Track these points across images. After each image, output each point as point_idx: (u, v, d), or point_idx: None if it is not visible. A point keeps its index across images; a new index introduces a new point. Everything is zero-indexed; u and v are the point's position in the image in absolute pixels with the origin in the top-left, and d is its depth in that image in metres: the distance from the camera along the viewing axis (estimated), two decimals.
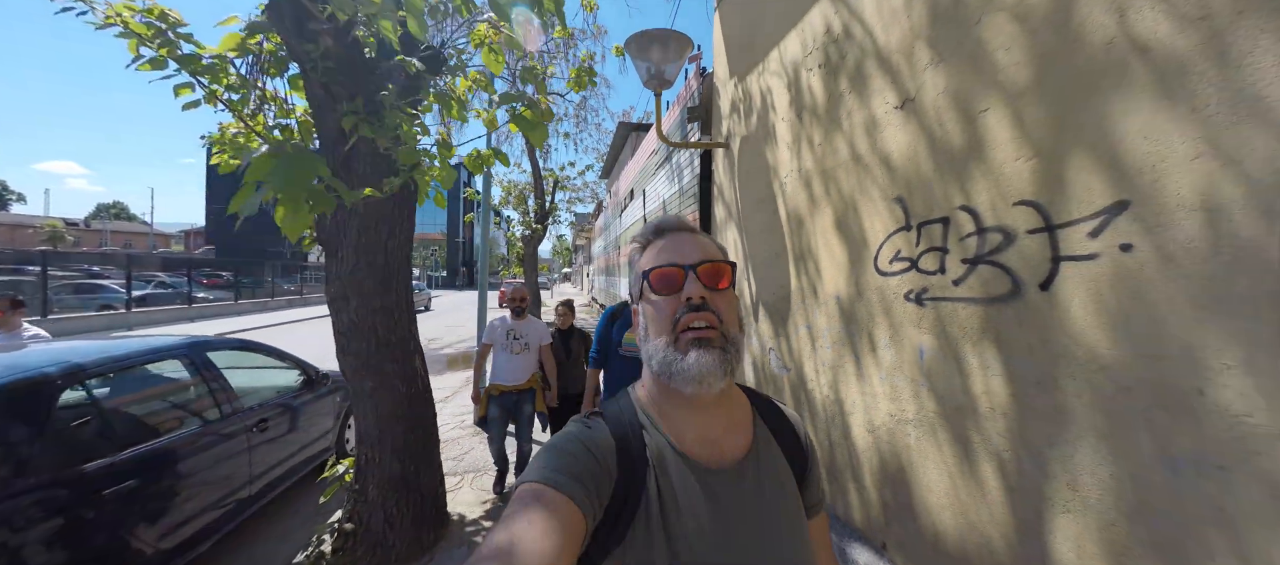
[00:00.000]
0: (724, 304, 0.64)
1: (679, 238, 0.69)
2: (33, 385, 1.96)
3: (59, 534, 1.83)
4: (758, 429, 0.71)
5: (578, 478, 0.55)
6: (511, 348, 3.33)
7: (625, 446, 0.62)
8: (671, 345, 0.62)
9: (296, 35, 2.26)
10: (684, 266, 0.64)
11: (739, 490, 0.64)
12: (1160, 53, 1.12)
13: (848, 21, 2.27)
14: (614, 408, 0.69)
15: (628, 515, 0.59)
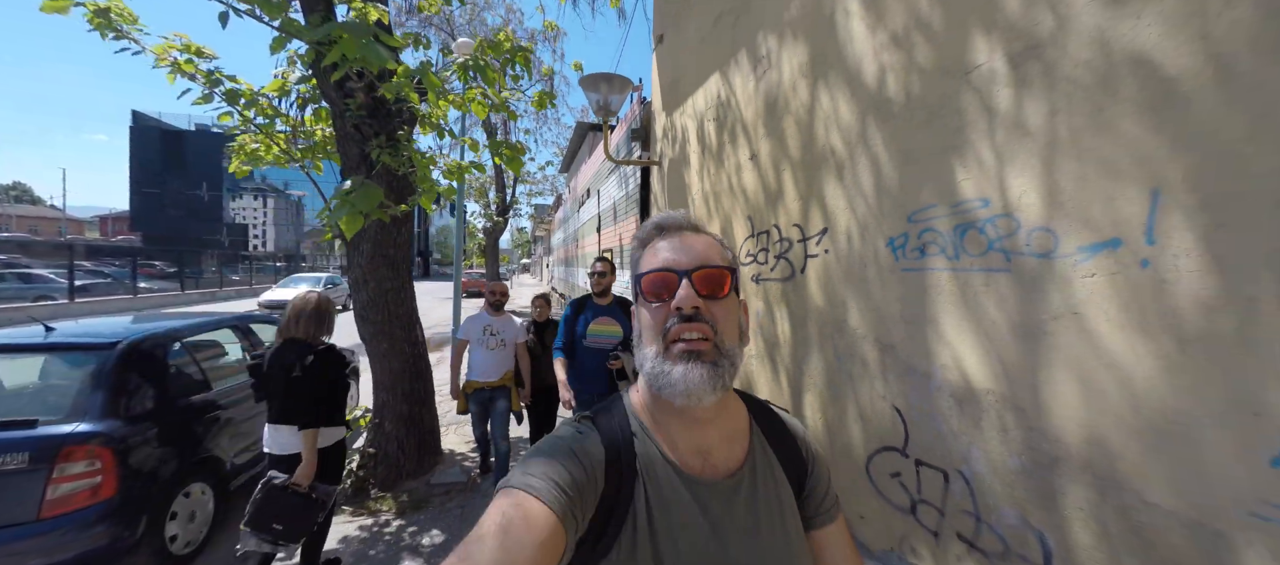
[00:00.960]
0: (722, 313, 0.61)
1: (679, 238, 0.65)
2: (148, 340, 2.76)
3: (173, 442, 2.65)
4: (754, 439, 0.69)
5: (561, 486, 0.53)
6: (487, 344, 3.35)
7: (615, 455, 0.60)
8: (661, 355, 0.60)
9: (337, 91, 3.11)
10: (678, 272, 0.61)
11: (732, 503, 0.62)
12: (836, 156, 2.24)
13: (727, 95, 3.36)
14: (607, 413, 0.66)
15: (614, 527, 0.57)
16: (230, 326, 3.53)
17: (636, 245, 0.70)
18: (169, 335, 2.90)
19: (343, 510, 3.21)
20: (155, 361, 2.72)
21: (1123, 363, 1.18)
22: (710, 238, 0.67)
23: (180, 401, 2.77)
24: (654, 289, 0.62)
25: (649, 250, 0.67)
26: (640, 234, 0.70)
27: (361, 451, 3.56)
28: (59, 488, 2.14)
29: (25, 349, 2.56)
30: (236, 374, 3.41)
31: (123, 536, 2.29)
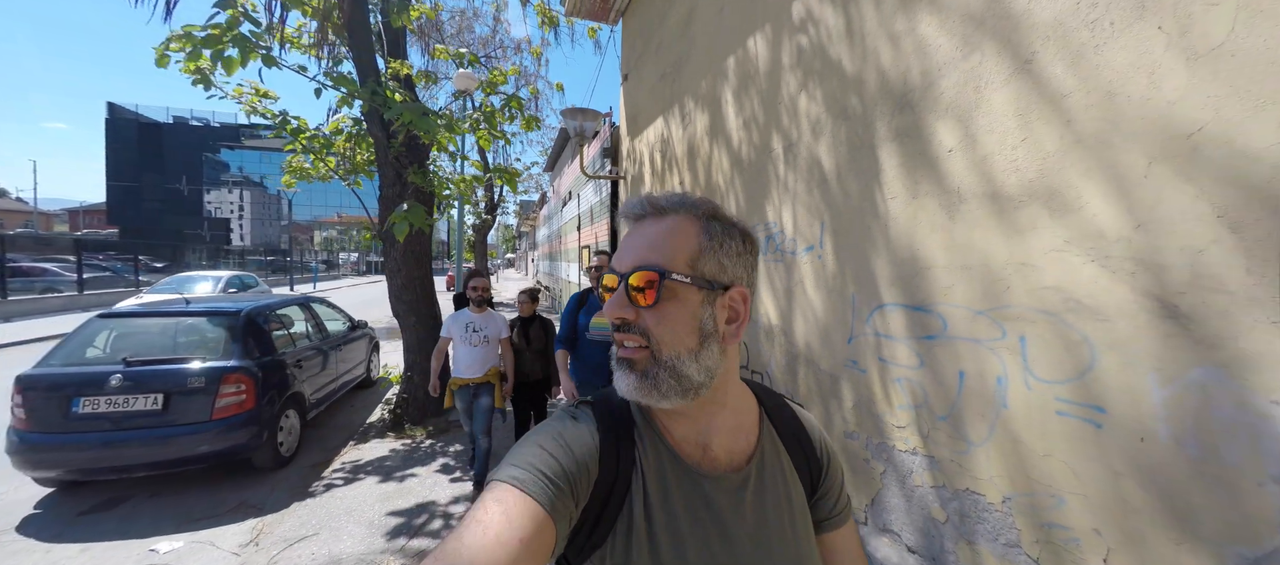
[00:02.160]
0: (655, 321, 0.55)
1: (639, 227, 0.60)
2: (251, 312, 3.93)
3: (272, 382, 3.82)
4: (764, 433, 0.66)
5: (549, 477, 0.51)
6: (470, 340, 3.31)
7: (612, 443, 0.57)
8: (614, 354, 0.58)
9: (383, 132, 4.30)
10: (619, 274, 0.57)
11: (737, 499, 0.59)
12: (721, 190, 3.52)
13: (667, 135, 4.62)
14: (606, 399, 0.63)
15: (609, 517, 0.55)
16: (297, 304, 4.70)
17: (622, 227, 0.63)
18: (266, 307, 4.08)
19: (387, 435, 4.43)
20: (263, 324, 3.90)
21: (814, 303, 2.48)
22: (674, 220, 0.59)
23: (278, 353, 3.95)
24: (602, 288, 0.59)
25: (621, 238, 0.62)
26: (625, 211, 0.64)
27: (397, 397, 4.77)
28: (222, 400, 3.32)
29: (184, 315, 3.72)
30: (306, 338, 4.58)
31: (257, 436, 3.49)
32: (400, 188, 4.49)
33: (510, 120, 4.97)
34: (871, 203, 2.07)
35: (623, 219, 0.64)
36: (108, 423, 3.13)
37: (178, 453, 3.20)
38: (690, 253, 0.57)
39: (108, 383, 3.14)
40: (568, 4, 6.57)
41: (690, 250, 0.57)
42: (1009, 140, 1.52)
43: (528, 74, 13.04)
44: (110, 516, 3.16)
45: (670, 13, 4.56)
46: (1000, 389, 1.55)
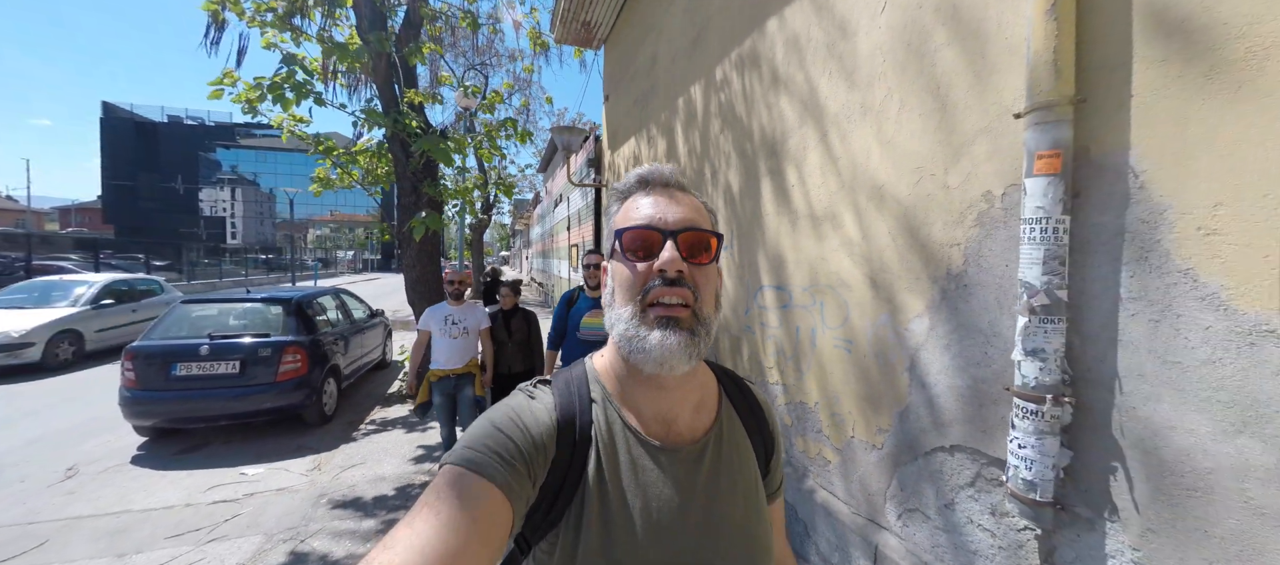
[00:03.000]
0: (703, 279, 0.59)
1: (665, 195, 0.61)
2: (300, 299, 4.85)
3: (318, 355, 4.75)
4: (723, 409, 0.68)
5: (505, 458, 0.51)
6: (449, 332, 3.36)
7: (569, 421, 0.58)
8: (636, 318, 0.57)
9: (403, 153, 5.22)
10: (663, 231, 0.57)
11: (695, 471, 0.61)
12: None
13: (639, 153, 5.57)
14: (565, 377, 0.64)
15: (567, 495, 0.56)
16: (330, 294, 5.62)
17: (616, 197, 0.66)
18: (309, 295, 5.00)
19: (407, 402, 5.36)
20: (308, 309, 4.82)
21: (728, 287, 3.43)
22: (695, 198, 0.64)
23: (320, 332, 4.87)
24: (635, 246, 0.58)
25: (630, 204, 0.62)
26: (622, 185, 0.65)
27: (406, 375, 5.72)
28: (283, 366, 4.25)
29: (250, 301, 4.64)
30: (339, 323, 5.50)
31: (309, 396, 4.42)
32: (416, 197, 5.41)
33: (507, 139, 5.90)
34: (758, 217, 3.03)
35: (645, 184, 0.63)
36: (197, 383, 4.06)
37: (250, 407, 4.13)
38: (713, 225, 0.62)
39: (199, 352, 4.07)
40: (556, 32, 7.49)
41: (713, 223, 0.62)
42: (817, 182, 2.47)
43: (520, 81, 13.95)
44: (198, 455, 4.08)
45: (640, 52, 5.50)
46: (813, 336, 2.51)
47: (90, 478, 3.64)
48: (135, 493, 3.44)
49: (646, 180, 0.64)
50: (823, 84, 2.40)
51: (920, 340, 1.85)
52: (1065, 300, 1.34)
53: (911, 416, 1.90)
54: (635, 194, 0.64)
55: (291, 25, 4.29)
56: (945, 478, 1.75)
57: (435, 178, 5.44)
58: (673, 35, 4.68)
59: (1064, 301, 1.34)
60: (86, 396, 5.58)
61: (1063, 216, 1.33)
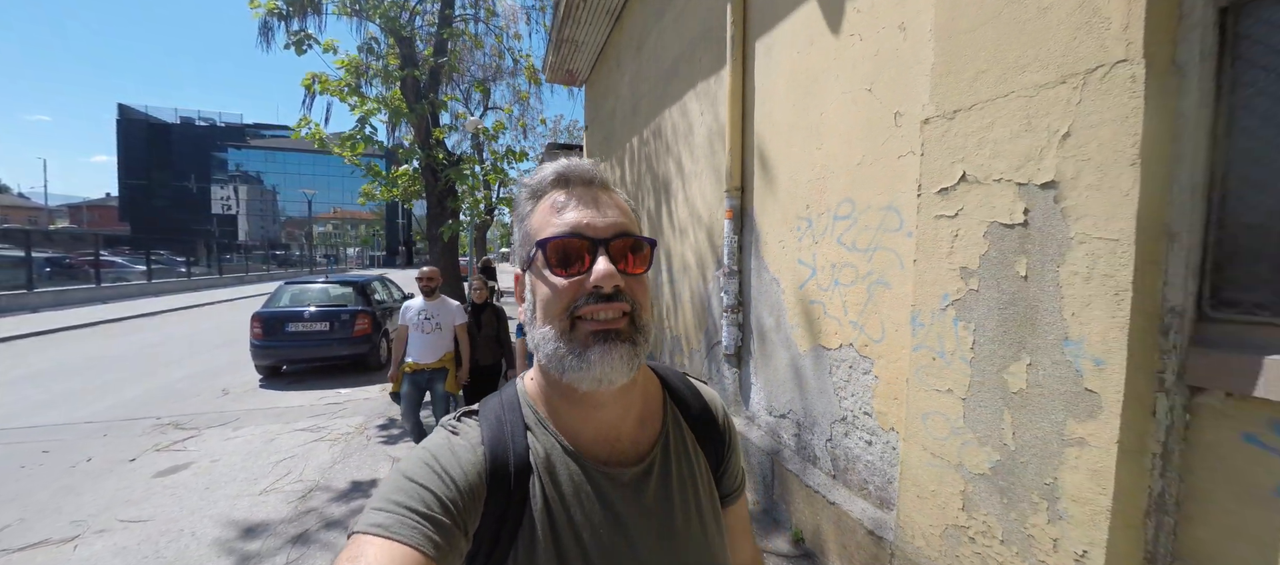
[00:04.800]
0: (639, 290, 0.53)
1: (588, 194, 0.54)
2: (364, 282, 6.85)
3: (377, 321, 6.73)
4: (668, 415, 0.63)
5: (422, 514, 0.45)
6: (423, 327, 3.41)
7: (501, 455, 0.52)
8: (564, 336, 0.50)
9: (432, 177, 7.21)
10: (593, 239, 0.51)
11: (643, 490, 0.57)
12: None
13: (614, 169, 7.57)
14: (494, 405, 0.58)
15: (508, 533, 0.51)
16: (378, 280, 7.60)
17: (527, 196, 0.57)
18: (368, 280, 6.97)
19: None
20: (369, 288, 6.81)
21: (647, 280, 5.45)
22: (619, 196, 0.58)
23: (376, 305, 6.84)
24: (560, 257, 0.50)
25: (547, 205, 0.54)
26: (533, 182, 0.57)
27: None
28: (356, 327, 6.24)
29: (331, 283, 6.63)
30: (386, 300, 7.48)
31: (373, 349, 6.42)
32: (441, 209, 7.41)
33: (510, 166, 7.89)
34: (659, 227, 4.99)
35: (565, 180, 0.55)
36: (302, 337, 6.04)
37: (336, 353, 6.13)
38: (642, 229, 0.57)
39: (303, 315, 6.06)
40: (547, 74, 9.44)
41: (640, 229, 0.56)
42: (681, 209, 4.44)
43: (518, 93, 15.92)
44: (301, 384, 6.07)
45: (605, 103, 7.47)
46: (679, 295, 4.49)
47: (237, 396, 5.62)
48: (275, 399, 5.43)
49: (566, 177, 0.55)
50: (684, 155, 4.39)
51: (713, 291, 3.84)
52: (737, 269, 3.33)
53: (708, 331, 3.90)
54: (552, 191, 0.54)
55: (360, 93, 6.27)
56: (716, 355, 3.74)
57: (456, 195, 7.44)
58: (623, 98, 6.66)
59: (736, 270, 3.33)
60: (195, 351, 7.55)
61: (733, 234, 3.32)
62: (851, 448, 2.41)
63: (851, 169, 2.36)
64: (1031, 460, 1.48)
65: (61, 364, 7.06)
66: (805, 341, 2.72)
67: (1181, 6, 1.27)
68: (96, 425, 4.61)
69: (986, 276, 1.59)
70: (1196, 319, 1.29)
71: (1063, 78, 1.38)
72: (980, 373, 1.62)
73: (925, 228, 1.80)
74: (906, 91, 2.02)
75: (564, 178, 0.55)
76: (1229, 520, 1.24)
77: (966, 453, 1.67)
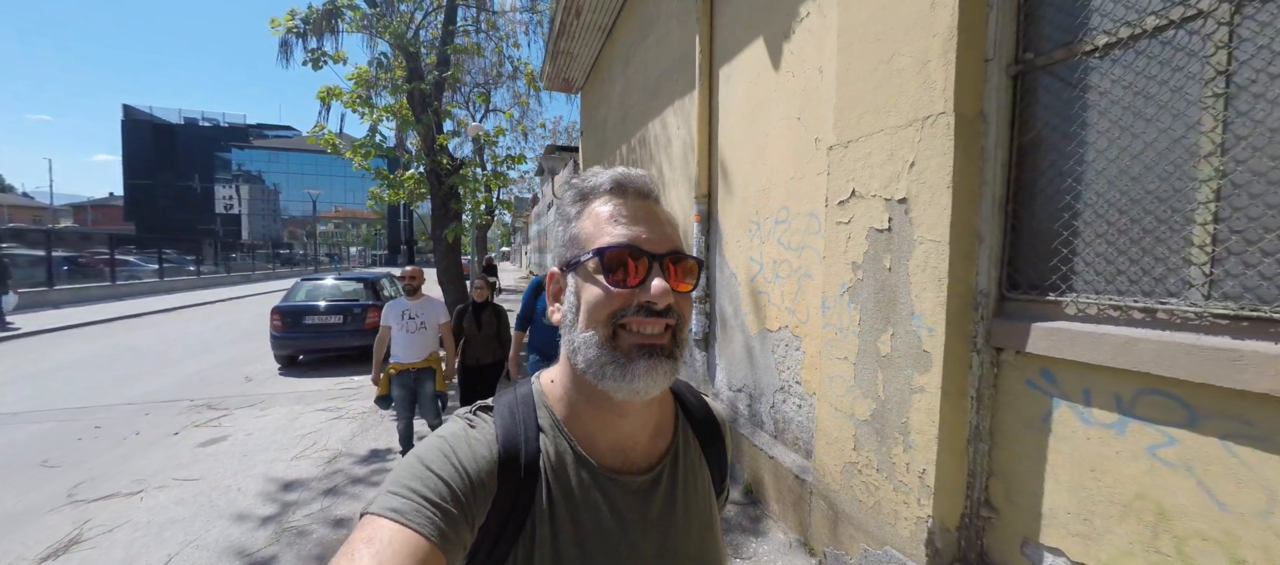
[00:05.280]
0: (686, 308, 0.54)
1: (644, 207, 0.55)
2: (373, 279, 7.36)
3: None
4: (679, 428, 0.64)
5: (434, 502, 0.46)
6: (407, 327, 3.38)
7: (512, 454, 0.53)
8: (607, 344, 0.51)
9: (437, 182, 7.72)
10: (651, 255, 0.52)
11: (650, 499, 0.58)
12: None
13: None
14: (509, 401, 0.58)
15: (511, 532, 0.51)
16: (385, 277, 8.10)
17: (574, 198, 0.57)
18: (376, 277, 7.48)
19: None
20: (378, 284, 7.31)
21: None
22: (668, 214, 0.58)
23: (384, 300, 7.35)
24: (616, 266, 0.51)
25: (599, 211, 0.54)
26: (587, 183, 0.57)
27: None
28: (367, 319, 6.75)
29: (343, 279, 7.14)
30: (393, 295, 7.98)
31: None
32: (444, 211, 7.91)
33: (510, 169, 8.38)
34: None
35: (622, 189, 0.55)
36: (318, 329, 6.55)
37: (349, 343, 6.63)
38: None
39: (319, 309, 6.57)
40: (545, 81, 9.94)
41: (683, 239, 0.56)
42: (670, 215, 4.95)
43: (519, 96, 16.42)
44: (317, 371, 6.57)
45: (598, 112, 7.96)
46: None
47: (260, 382, 6.14)
48: (294, 385, 5.94)
49: (623, 187, 0.55)
50: (664, 164, 4.88)
51: None
52: (703, 261, 3.84)
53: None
54: (608, 199, 0.55)
55: (370, 104, 6.77)
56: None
57: (458, 198, 7.95)
58: (614, 108, 7.15)
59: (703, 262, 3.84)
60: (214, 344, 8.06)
61: (701, 235, 3.82)
62: (787, 411, 2.91)
63: (787, 182, 2.86)
64: (894, 406, 1.97)
65: (92, 355, 7.58)
66: (755, 325, 3.22)
67: (985, 73, 1.76)
68: (138, 406, 5.13)
69: (867, 269, 2.09)
70: (998, 298, 1.79)
71: (910, 122, 1.88)
72: (864, 342, 2.11)
73: (829, 231, 2.30)
74: (823, 122, 2.52)
75: (621, 186, 0.55)
76: (1019, 444, 1.74)
77: (856, 405, 2.16)
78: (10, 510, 3.07)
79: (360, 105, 6.72)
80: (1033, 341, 1.63)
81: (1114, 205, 1.51)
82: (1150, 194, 1.43)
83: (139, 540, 2.76)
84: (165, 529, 2.86)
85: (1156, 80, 1.41)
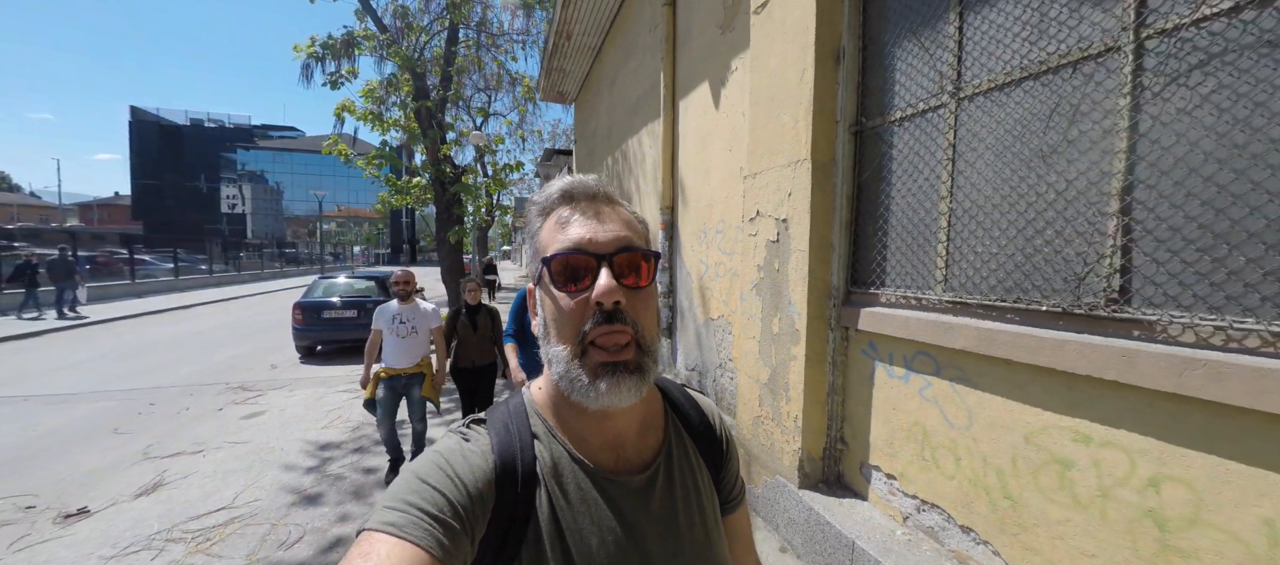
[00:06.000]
0: (642, 304, 0.53)
1: (592, 209, 0.55)
2: (383, 277, 8.10)
3: None
4: (670, 425, 0.66)
5: (433, 515, 0.46)
6: (398, 332, 3.37)
7: (509, 464, 0.54)
8: (577, 359, 0.52)
9: (441, 189, 8.45)
10: (596, 255, 0.52)
11: (648, 497, 0.59)
12: None
13: None
14: (502, 414, 0.59)
15: (513, 541, 0.52)
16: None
17: (536, 213, 0.59)
18: (386, 275, 8.21)
19: None
20: (386, 281, 8.05)
21: None
22: (625, 209, 0.59)
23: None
24: (564, 273, 0.52)
25: (553, 222, 0.56)
26: (541, 199, 0.58)
27: None
28: None
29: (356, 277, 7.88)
30: None
31: None
32: (448, 215, 8.64)
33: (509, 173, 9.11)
34: None
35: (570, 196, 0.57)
36: (335, 322, 7.29)
37: (362, 336, 7.30)
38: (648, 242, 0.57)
39: (335, 304, 7.30)
40: (541, 92, 10.66)
41: (647, 240, 0.58)
42: None
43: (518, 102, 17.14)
44: (334, 360, 7.31)
45: (589, 121, 8.67)
46: None
47: (284, 369, 6.87)
48: (315, 372, 6.67)
49: (571, 194, 0.57)
50: (640, 177, 5.60)
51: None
52: (668, 266, 4.56)
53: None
54: (558, 208, 0.56)
55: (381, 118, 7.50)
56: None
57: (461, 202, 8.68)
58: (602, 122, 7.86)
59: (667, 266, 4.56)
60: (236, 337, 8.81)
61: (666, 241, 4.55)
62: (725, 384, 3.63)
63: (724, 200, 3.57)
64: (780, 372, 2.69)
65: (126, 346, 8.33)
66: (702, 315, 3.94)
67: (836, 131, 2.47)
68: (181, 388, 5.87)
69: (765, 270, 2.81)
70: (845, 292, 2.50)
71: (789, 163, 2.59)
72: (764, 325, 2.83)
73: (743, 241, 3.01)
74: (743, 154, 3.23)
75: (569, 193, 0.56)
76: (858, 395, 2.45)
77: (759, 372, 2.88)
78: (100, 465, 3.81)
79: (371, 119, 7.45)
80: (863, 322, 2.35)
81: (904, 226, 2.22)
82: (918, 221, 2.14)
83: (209, 483, 3.49)
84: (228, 476, 3.60)
85: (921, 145, 2.12)
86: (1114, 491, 1.44)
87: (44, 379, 6.28)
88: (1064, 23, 1.59)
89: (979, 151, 1.88)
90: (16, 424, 4.66)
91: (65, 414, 4.94)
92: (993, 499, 1.80)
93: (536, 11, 9.46)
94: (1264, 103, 1.18)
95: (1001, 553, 1.78)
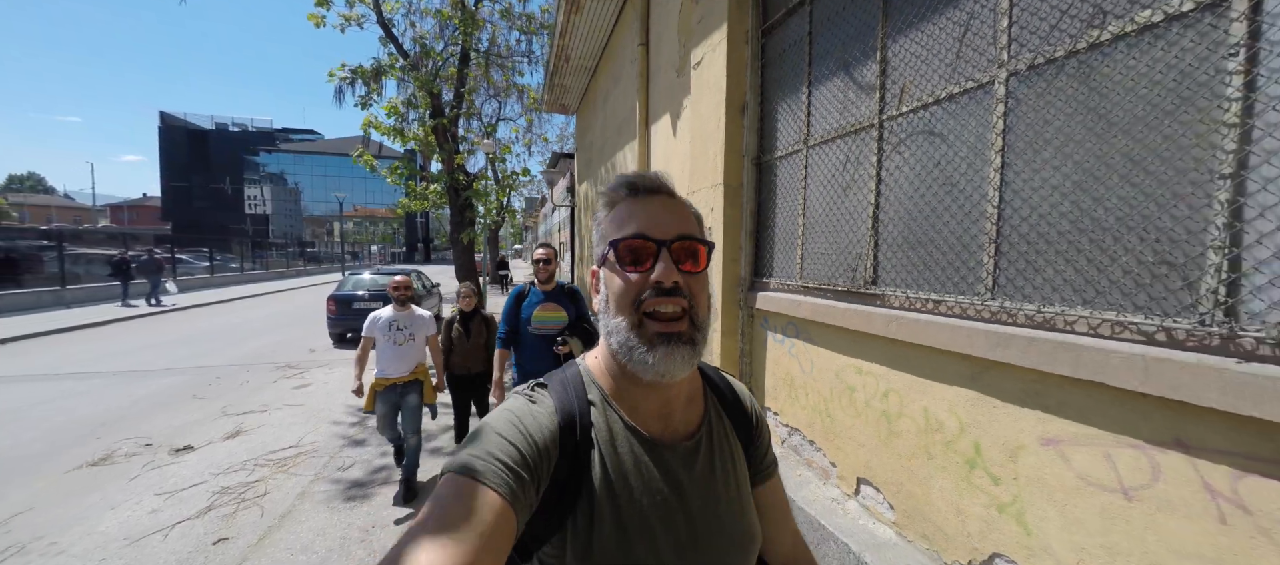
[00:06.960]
0: (697, 287, 0.60)
1: (655, 202, 0.63)
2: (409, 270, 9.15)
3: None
4: (708, 401, 0.72)
5: (508, 465, 0.52)
6: (395, 339, 3.31)
7: (570, 424, 0.60)
8: (634, 329, 0.58)
9: (453, 194, 9.46)
10: (656, 241, 0.59)
11: (693, 463, 0.64)
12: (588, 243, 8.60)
13: (587, 195, 9.69)
14: (560, 379, 0.66)
15: (570, 498, 0.57)
16: (414, 272, 9.87)
17: (603, 204, 0.67)
18: (409, 271, 9.26)
19: None
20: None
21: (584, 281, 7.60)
22: (684, 204, 0.66)
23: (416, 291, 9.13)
24: (628, 256, 0.60)
25: (620, 211, 0.64)
26: (608, 191, 0.66)
27: None
28: None
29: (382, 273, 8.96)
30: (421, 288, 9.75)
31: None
32: (461, 217, 9.65)
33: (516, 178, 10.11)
34: None
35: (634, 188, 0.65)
36: (364, 312, 8.33)
37: None
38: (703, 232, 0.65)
39: (364, 297, 8.35)
40: (545, 104, 11.62)
41: (702, 231, 0.66)
42: None
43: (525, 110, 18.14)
44: None
45: (587, 133, 9.60)
46: None
47: (321, 354, 7.92)
48: (348, 356, 7.71)
49: (635, 186, 0.64)
50: None
51: None
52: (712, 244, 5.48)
53: None
54: (624, 200, 0.64)
55: (402, 132, 8.52)
56: None
57: (473, 206, 9.70)
58: (597, 135, 8.78)
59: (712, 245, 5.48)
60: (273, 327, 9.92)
61: None
62: None
63: None
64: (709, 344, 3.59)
65: (179, 335, 9.49)
66: None
67: (742, 163, 3.35)
68: (237, 367, 6.94)
69: None
70: (750, 282, 3.39)
71: (712, 185, 3.48)
72: None
73: None
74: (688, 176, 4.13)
75: (634, 185, 0.64)
76: (759, 359, 3.33)
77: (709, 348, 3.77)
78: (190, 419, 4.85)
79: (394, 134, 8.47)
80: (759, 303, 3.23)
81: (783, 233, 3.10)
82: (789, 230, 3.02)
83: (277, 430, 4.50)
84: (291, 427, 4.61)
85: (791, 176, 3.00)
86: (871, 402, 2.32)
87: (126, 357, 7.42)
88: (853, 104, 2.46)
89: (818, 182, 2.75)
90: (115, 392, 5.75)
91: (151, 385, 6.02)
92: (821, 418, 2.68)
93: (542, 33, 10.43)
94: (940, 160, 2.05)
95: (825, 452, 2.66)
